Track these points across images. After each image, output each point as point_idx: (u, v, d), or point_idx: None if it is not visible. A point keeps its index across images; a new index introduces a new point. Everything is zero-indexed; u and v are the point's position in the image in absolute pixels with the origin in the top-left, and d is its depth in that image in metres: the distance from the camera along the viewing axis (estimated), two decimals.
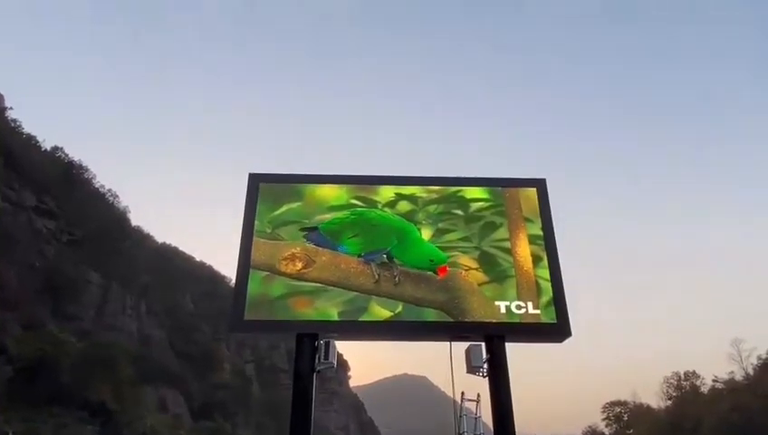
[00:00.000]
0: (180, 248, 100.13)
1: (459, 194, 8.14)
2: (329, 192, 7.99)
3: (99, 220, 58.97)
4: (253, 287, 7.23)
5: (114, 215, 67.56)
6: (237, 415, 66.29)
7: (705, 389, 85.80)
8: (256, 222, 7.62)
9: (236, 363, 78.48)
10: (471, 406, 7.03)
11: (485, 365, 7.16)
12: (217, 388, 66.48)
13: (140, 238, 77.05)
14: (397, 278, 7.41)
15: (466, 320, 7.27)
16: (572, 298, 7.67)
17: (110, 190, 70.97)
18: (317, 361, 6.96)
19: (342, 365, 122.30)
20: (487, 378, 7.13)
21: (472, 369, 7.22)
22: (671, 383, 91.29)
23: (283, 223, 7.67)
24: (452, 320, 7.28)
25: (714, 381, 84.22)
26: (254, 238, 7.53)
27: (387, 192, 8.00)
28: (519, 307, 7.39)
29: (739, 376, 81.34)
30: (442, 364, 7.42)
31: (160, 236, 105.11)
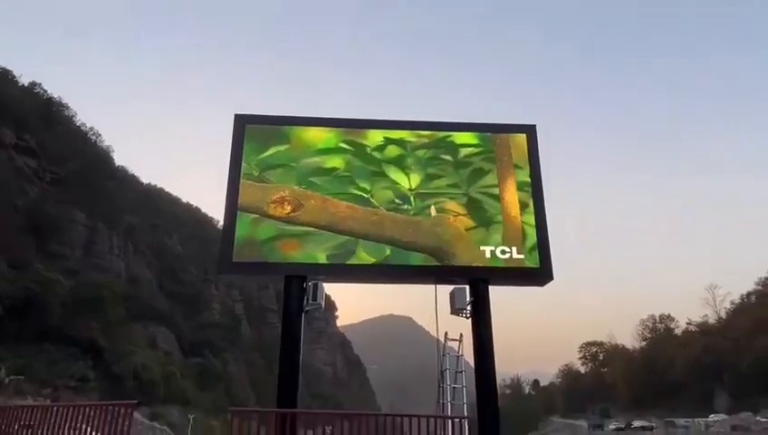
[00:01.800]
0: (167, 190, 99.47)
1: (449, 139, 8.08)
2: (317, 135, 7.88)
3: (81, 159, 57.91)
4: (241, 230, 7.24)
5: (97, 154, 66.33)
6: (227, 352, 67.95)
7: (679, 331, 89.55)
8: (243, 164, 7.55)
9: (226, 303, 79.76)
10: (454, 345, 7.28)
11: (469, 307, 7.35)
12: (207, 326, 67.82)
13: (125, 179, 76.11)
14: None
15: (452, 264, 7.39)
16: (556, 241, 7.82)
17: (92, 129, 69.40)
18: (305, 302, 7.09)
19: (330, 305, 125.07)
20: (470, 319, 7.36)
21: (456, 311, 7.44)
22: (647, 325, 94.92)
23: (271, 166, 7.61)
24: (438, 264, 7.39)
25: (687, 324, 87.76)
26: (242, 181, 7.48)
27: (375, 136, 7.92)
28: (504, 252, 7.51)
29: (712, 320, 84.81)
30: (427, 306, 7.61)
31: (146, 177, 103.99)
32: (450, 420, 5.89)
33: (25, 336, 33.57)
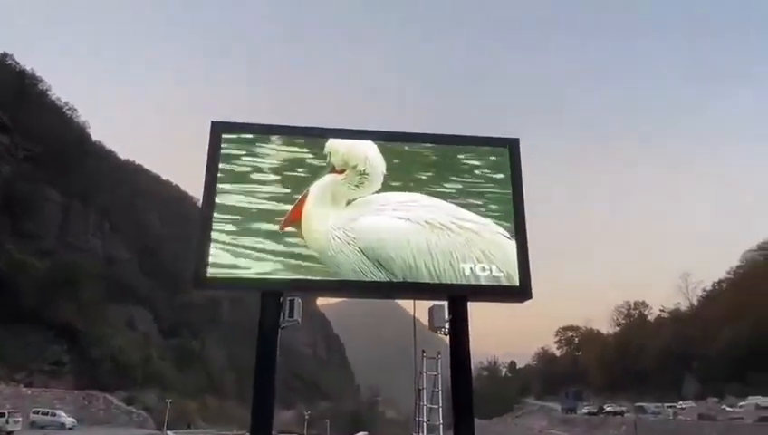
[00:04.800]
0: (145, 166, 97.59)
1: (427, 151, 7.94)
2: (296, 145, 7.67)
3: (57, 135, 56.42)
4: (215, 243, 7.05)
5: (73, 130, 64.67)
6: (207, 333, 67.81)
7: (652, 318, 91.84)
8: (220, 174, 7.31)
9: None
10: (431, 363, 7.25)
11: (447, 325, 7.32)
12: (187, 307, 67.44)
13: (102, 155, 74.48)
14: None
15: (431, 281, 7.32)
16: (538, 234, 7.82)
17: (67, 104, 67.53)
18: (282, 318, 6.97)
19: None
20: (449, 337, 7.33)
21: (434, 328, 7.39)
22: (621, 311, 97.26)
23: (249, 176, 7.40)
24: (416, 281, 7.32)
25: (660, 311, 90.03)
26: (218, 191, 7.26)
27: (358, 148, 7.75)
28: (483, 269, 7.45)
29: (684, 307, 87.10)
30: None
31: (124, 153, 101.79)
32: None
33: None
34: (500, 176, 7.96)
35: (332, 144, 7.72)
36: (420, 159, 7.87)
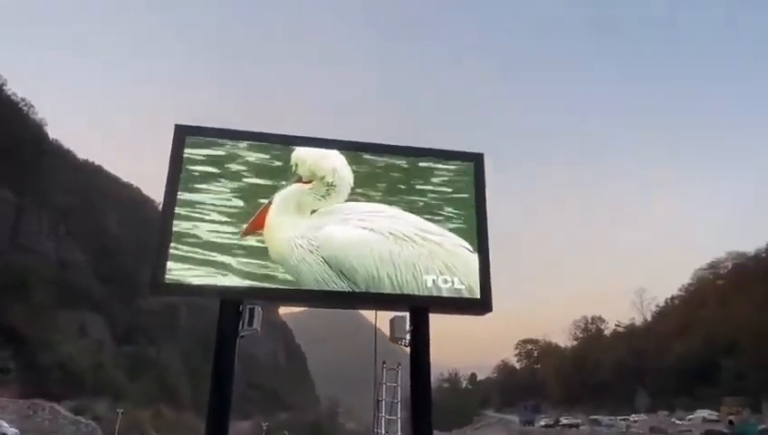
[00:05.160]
0: (105, 167, 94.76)
1: (394, 163, 8.01)
2: (262, 152, 7.62)
3: (11, 132, 54.28)
4: (175, 248, 6.91)
5: (29, 127, 62.35)
6: (163, 340, 65.99)
7: (608, 332, 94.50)
8: (182, 178, 7.18)
9: None
10: (391, 374, 7.26)
11: (408, 336, 7.36)
12: (143, 314, 65.51)
13: (60, 154, 72.03)
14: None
15: (393, 292, 7.35)
16: (499, 242, 7.96)
17: (23, 99, 65.06)
18: (241, 326, 6.87)
19: None
20: (409, 348, 7.36)
21: (395, 339, 7.43)
22: (579, 326, 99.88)
23: (212, 181, 7.29)
24: (378, 291, 7.34)
25: (616, 325, 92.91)
26: (179, 195, 7.13)
27: (327, 159, 7.75)
28: (445, 281, 7.53)
29: (638, 322, 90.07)
30: None
31: (82, 153, 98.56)
32: None
33: None
34: (464, 190, 8.08)
35: (300, 154, 7.69)
36: (387, 170, 7.93)
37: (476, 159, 8.35)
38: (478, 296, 7.64)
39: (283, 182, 7.43)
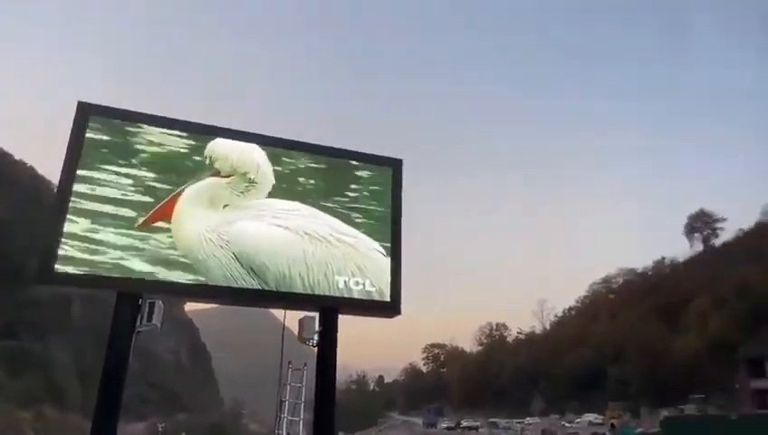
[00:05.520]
0: None
1: (314, 163, 7.95)
2: (174, 139, 7.26)
3: None
4: (69, 234, 6.40)
5: None
6: (52, 336, 60.81)
7: (511, 339, 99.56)
8: (82, 160, 6.68)
9: None
10: (296, 374, 7.18)
11: (316, 336, 7.31)
12: (29, 305, 59.95)
13: None
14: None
15: (304, 292, 7.28)
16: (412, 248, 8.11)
17: None
18: (139, 321, 6.49)
19: None
20: (317, 348, 7.31)
21: (303, 339, 7.35)
22: (484, 332, 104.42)
23: (115, 164, 6.84)
24: (289, 290, 7.23)
25: (518, 332, 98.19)
26: (78, 177, 6.62)
27: (251, 155, 7.54)
28: (357, 283, 7.57)
29: (538, 330, 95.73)
30: None
31: None
32: None
33: None
34: (382, 194, 8.18)
35: (219, 147, 7.38)
36: (307, 169, 7.84)
37: (395, 165, 8.48)
38: (388, 299, 7.76)
39: (198, 173, 7.13)
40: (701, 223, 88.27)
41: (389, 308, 7.73)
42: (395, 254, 7.90)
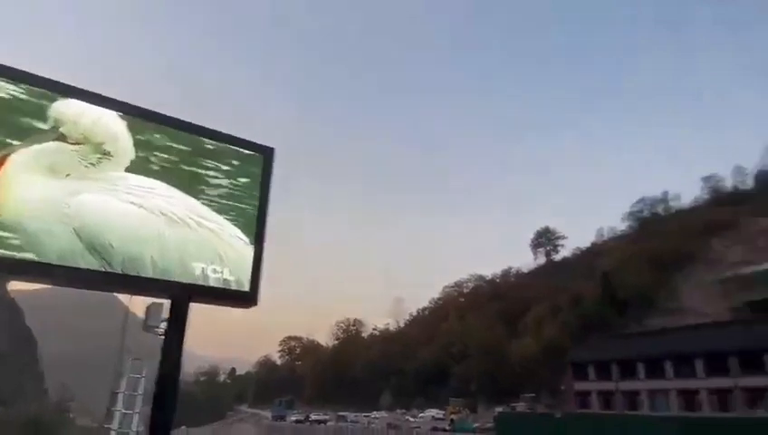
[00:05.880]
0: None
1: (179, 139, 7.43)
2: (8, 90, 6.32)
3: None
4: None
5: None
6: None
7: (366, 334, 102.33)
8: None
9: None
10: (136, 365, 6.67)
11: (164, 324, 6.85)
12: None
13: None
14: None
15: (154, 277, 6.76)
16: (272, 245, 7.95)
17: None
18: None
19: None
20: (163, 337, 6.85)
21: (148, 327, 6.85)
22: (340, 327, 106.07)
23: None
24: (137, 274, 6.67)
25: (373, 329, 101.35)
26: None
27: (108, 124, 6.78)
28: (215, 271, 7.21)
29: (393, 328, 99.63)
30: None
31: None
32: None
33: None
34: (250, 181, 7.87)
35: (71, 108, 6.51)
36: (170, 145, 7.25)
37: (267, 153, 8.20)
38: (247, 289, 7.47)
39: (37, 135, 6.25)
40: (545, 239, 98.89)
41: (246, 298, 7.46)
42: (258, 243, 7.65)
